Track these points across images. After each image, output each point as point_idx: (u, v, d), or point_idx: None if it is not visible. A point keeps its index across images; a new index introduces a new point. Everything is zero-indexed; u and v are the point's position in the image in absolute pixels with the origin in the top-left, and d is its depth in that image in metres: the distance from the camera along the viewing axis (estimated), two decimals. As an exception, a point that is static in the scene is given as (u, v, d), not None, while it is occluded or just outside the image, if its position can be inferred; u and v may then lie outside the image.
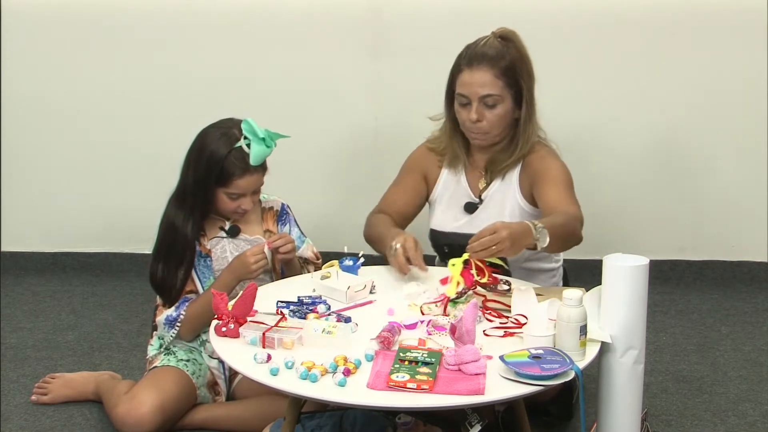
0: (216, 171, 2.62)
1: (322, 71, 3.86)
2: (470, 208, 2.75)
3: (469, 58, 2.63)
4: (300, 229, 2.89)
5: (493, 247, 2.28)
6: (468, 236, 2.55)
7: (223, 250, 2.76)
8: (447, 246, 2.76)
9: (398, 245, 2.53)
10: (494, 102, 2.61)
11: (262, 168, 2.68)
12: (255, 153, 2.62)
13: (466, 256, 2.34)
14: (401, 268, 2.52)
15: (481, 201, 2.74)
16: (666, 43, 3.76)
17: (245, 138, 2.62)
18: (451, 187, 2.79)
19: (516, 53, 2.64)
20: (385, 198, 2.87)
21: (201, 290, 2.73)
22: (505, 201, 2.71)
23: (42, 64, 3.95)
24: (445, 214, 2.78)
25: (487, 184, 2.74)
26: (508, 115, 2.66)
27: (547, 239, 2.35)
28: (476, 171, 2.77)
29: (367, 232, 2.79)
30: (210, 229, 2.76)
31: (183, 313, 2.70)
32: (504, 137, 2.71)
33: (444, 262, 2.82)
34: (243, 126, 2.64)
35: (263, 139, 2.61)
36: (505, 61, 2.61)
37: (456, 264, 2.36)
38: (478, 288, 2.39)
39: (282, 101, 3.87)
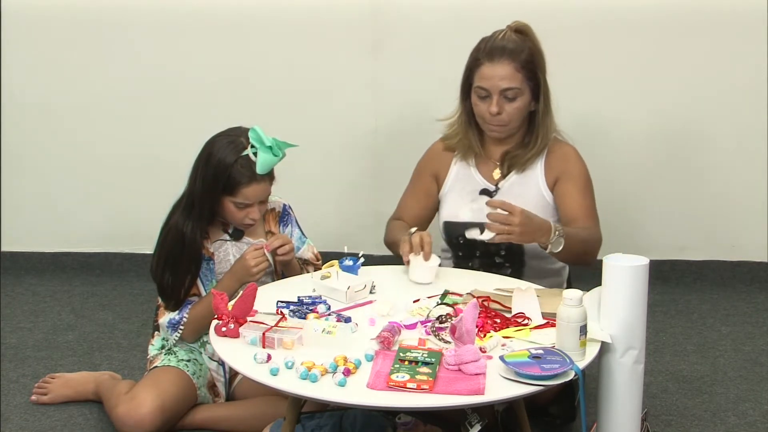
0: (223, 179, 2.60)
1: (322, 71, 3.86)
2: (487, 194, 2.74)
3: (489, 51, 2.64)
4: (301, 230, 2.89)
5: (505, 227, 2.35)
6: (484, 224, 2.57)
7: (226, 252, 2.75)
8: (461, 237, 2.72)
9: (413, 230, 2.56)
10: (514, 95, 2.63)
11: (269, 177, 2.66)
12: (262, 161, 2.60)
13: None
14: (410, 248, 2.52)
15: (497, 189, 2.74)
16: (667, 41, 3.75)
17: (252, 146, 2.61)
18: (462, 178, 2.79)
19: (533, 46, 2.67)
20: (400, 205, 2.89)
21: (203, 293, 2.72)
22: (525, 193, 2.71)
23: (42, 64, 3.95)
24: (457, 202, 2.78)
25: (503, 175, 2.74)
26: (526, 108, 2.68)
27: (560, 248, 2.41)
28: (490, 162, 2.77)
29: (386, 237, 2.83)
30: (213, 231, 2.75)
31: (186, 316, 2.69)
32: (519, 129, 2.73)
33: (457, 261, 2.81)
34: (250, 134, 2.62)
35: (270, 148, 2.60)
36: (524, 54, 2.63)
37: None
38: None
39: (282, 101, 3.86)
